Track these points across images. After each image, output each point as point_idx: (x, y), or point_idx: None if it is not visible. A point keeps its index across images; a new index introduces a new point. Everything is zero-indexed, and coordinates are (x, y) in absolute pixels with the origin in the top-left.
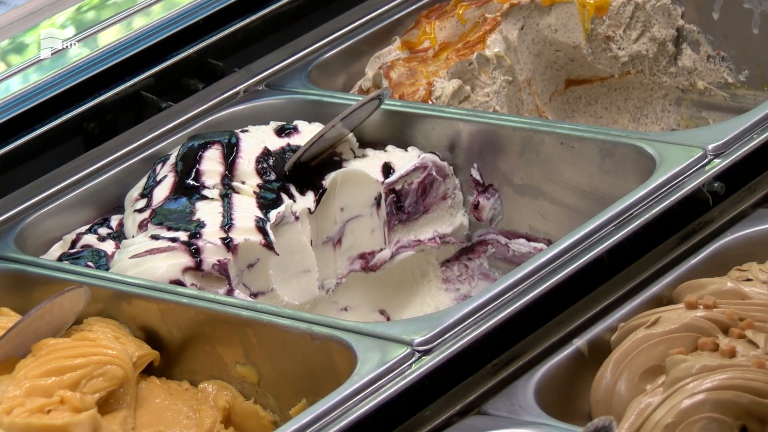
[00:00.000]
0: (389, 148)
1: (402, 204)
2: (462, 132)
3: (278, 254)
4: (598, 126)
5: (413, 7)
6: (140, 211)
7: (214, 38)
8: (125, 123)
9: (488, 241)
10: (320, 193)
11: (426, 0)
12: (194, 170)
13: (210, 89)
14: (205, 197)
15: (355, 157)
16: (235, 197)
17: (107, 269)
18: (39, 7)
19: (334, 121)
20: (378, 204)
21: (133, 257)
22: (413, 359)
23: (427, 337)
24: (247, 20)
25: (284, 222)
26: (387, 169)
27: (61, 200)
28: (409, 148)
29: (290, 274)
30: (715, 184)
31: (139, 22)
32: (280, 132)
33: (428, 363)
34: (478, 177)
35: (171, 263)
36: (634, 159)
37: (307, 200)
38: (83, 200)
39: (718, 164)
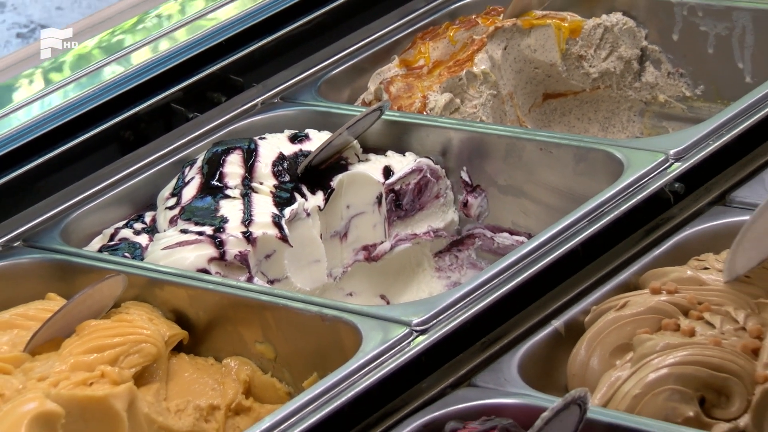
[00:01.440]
0: (389, 153)
1: (400, 202)
2: (453, 139)
3: (292, 246)
4: (572, 134)
5: (410, 30)
6: (171, 208)
7: (235, 57)
8: (157, 131)
9: (476, 234)
10: (329, 192)
11: (421, 23)
12: (218, 172)
13: (231, 102)
14: (227, 196)
15: (359, 161)
16: (254, 196)
17: (142, 259)
18: (81, 29)
19: (340, 130)
20: (379, 202)
21: (164, 249)
22: (411, 338)
23: (423, 318)
24: (264, 41)
25: (297, 218)
26: (387, 172)
27: (101, 199)
28: (407, 153)
29: (302, 263)
30: (676, 185)
31: (169, 43)
32: (293, 139)
33: (424, 341)
34: (466, 178)
35: (198, 254)
36: (604, 163)
37: (317, 199)
38: (120, 199)
39: (678, 167)
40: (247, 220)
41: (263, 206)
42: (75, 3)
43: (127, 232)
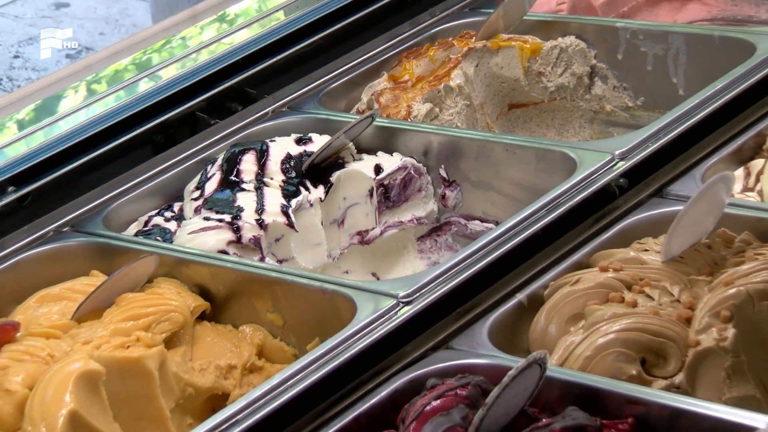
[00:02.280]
0: (379, 153)
1: (389, 194)
2: (433, 142)
3: (297, 231)
4: (533, 138)
5: (396, 50)
6: (195, 199)
7: (249, 73)
8: (183, 135)
9: (452, 222)
10: (328, 186)
11: (406, 45)
12: (235, 169)
13: (246, 110)
14: (243, 189)
15: (354, 160)
16: (266, 189)
17: (171, 242)
18: (119, 50)
19: (338, 134)
20: (371, 195)
21: (190, 233)
22: (398, 308)
23: (408, 291)
24: (273, 60)
25: (302, 208)
26: (377, 169)
27: (137, 191)
28: (394, 154)
29: (306, 246)
30: (621, 180)
31: (193, 61)
32: (299, 141)
33: (409, 311)
34: (444, 175)
35: (218, 238)
36: (560, 162)
37: (319, 192)
38: (153, 191)
39: (623, 165)
40: (260, 210)
41: (273, 198)
42: (114, 29)
43: (158, 220)
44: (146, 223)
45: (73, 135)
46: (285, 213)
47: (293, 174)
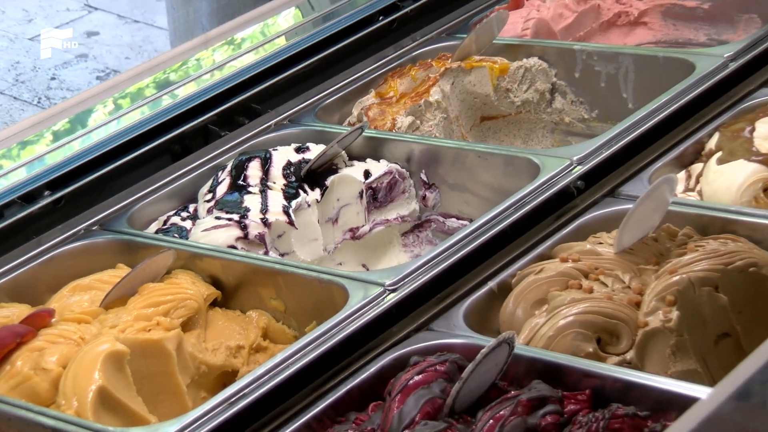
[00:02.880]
0: (368, 160)
1: (376, 196)
2: (414, 150)
3: (297, 228)
4: (502, 146)
5: (383, 71)
6: (208, 201)
7: (254, 91)
8: (197, 145)
9: (432, 220)
10: (324, 189)
11: (391, 66)
12: (243, 175)
13: (252, 123)
14: (250, 192)
15: (346, 166)
16: (269, 192)
17: (187, 239)
18: (142, 71)
19: (332, 143)
20: (361, 196)
21: (203, 231)
22: (385, 295)
23: (394, 280)
24: (275, 79)
25: (301, 208)
26: (366, 174)
27: (157, 194)
28: (381, 160)
29: (305, 241)
30: (578, 182)
31: (206, 81)
32: (298, 150)
33: (395, 297)
34: (425, 179)
35: (228, 234)
36: (525, 166)
37: (316, 194)
38: (171, 195)
39: (580, 169)
40: (264, 210)
41: (276, 199)
42: (138, 54)
43: (176, 219)
44: (165, 222)
45: (101, 145)
46: (286, 212)
47: (293, 178)
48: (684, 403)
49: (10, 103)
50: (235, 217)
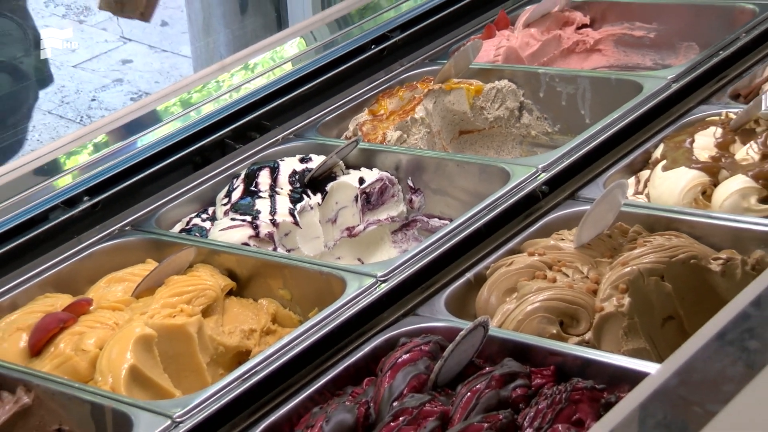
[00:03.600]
0: (362, 169)
1: (369, 199)
2: (402, 160)
3: (301, 228)
4: (478, 156)
5: (375, 92)
6: (224, 205)
7: (265, 109)
8: (216, 156)
9: (417, 220)
10: (324, 194)
11: (381, 88)
12: (254, 182)
13: (262, 138)
14: (260, 197)
15: (343, 174)
16: (277, 197)
17: (206, 237)
18: (167, 93)
19: (331, 155)
20: (356, 200)
21: (221, 230)
22: (377, 285)
23: (385, 272)
24: (282, 99)
25: (304, 210)
26: (361, 181)
27: (180, 199)
28: (373, 169)
29: (308, 239)
30: (543, 187)
31: (223, 101)
32: (302, 160)
33: (385, 287)
34: (411, 184)
35: (242, 233)
36: (498, 173)
37: (317, 198)
38: (192, 199)
39: (544, 176)
40: (273, 212)
41: (283, 203)
42: (166, 78)
43: (197, 220)
44: (188, 223)
45: (133, 157)
46: (292, 214)
47: (298, 185)
48: (635, 377)
49: (56, 122)
50: (248, 218)
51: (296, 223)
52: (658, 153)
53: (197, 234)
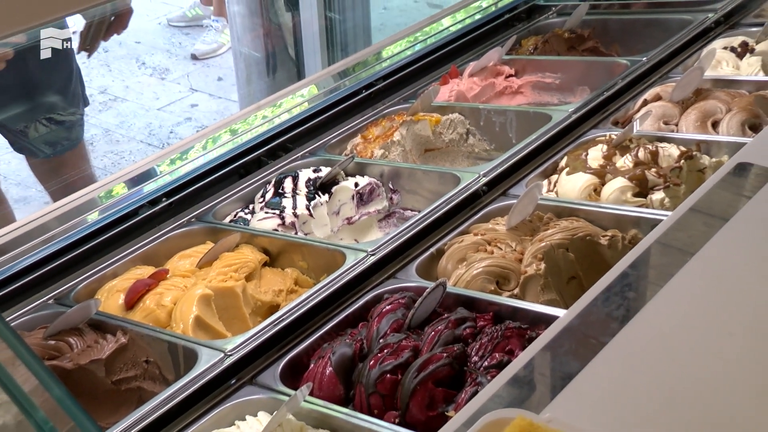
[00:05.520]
0: (357, 176)
1: (362, 198)
2: (385, 170)
3: (315, 218)
4: (438, 167)
5: (365, 122)
6: (260, 202)
7: (288, 136)
8: (254, 169)
9: (396, 212)
10: (330, 194)
11: (369, 120)
12: (281, 186)
13: (286, 156)
14: (285, 197)
15: (344, 180)
16: (297, 197)
17: (248, 225)
18: (220, 125)
19: (335, 167)
20: (353, 198)
21: (258, 220)
22: (368, 257)
23: (373, 248)
24: (301, 129)
25: (317, 206)
26: (356, 185)
27: (229, 199)
28: (365, 176)
29: (319, 226)
30: (484, 187)
31: (259, 130)
32: (315, 171)
33: (373, 258)
34: (391, 187)
35: (273, 222)
36: (451, 179)
37: (326, 197)
38: (238, 199)
39: (485, 179)
40: (294, 207)
41: (301, 201)
42: (221, 115)
43: (241, 214)
44: (235, 215)
45: (197, 169)
46: (308, 209)
47: (312, 188)
48: (549, 320)
49: (145, 147)
50: (277, 211)
51: (311, 215)
52: (563, 163)
53: (242, 223)
